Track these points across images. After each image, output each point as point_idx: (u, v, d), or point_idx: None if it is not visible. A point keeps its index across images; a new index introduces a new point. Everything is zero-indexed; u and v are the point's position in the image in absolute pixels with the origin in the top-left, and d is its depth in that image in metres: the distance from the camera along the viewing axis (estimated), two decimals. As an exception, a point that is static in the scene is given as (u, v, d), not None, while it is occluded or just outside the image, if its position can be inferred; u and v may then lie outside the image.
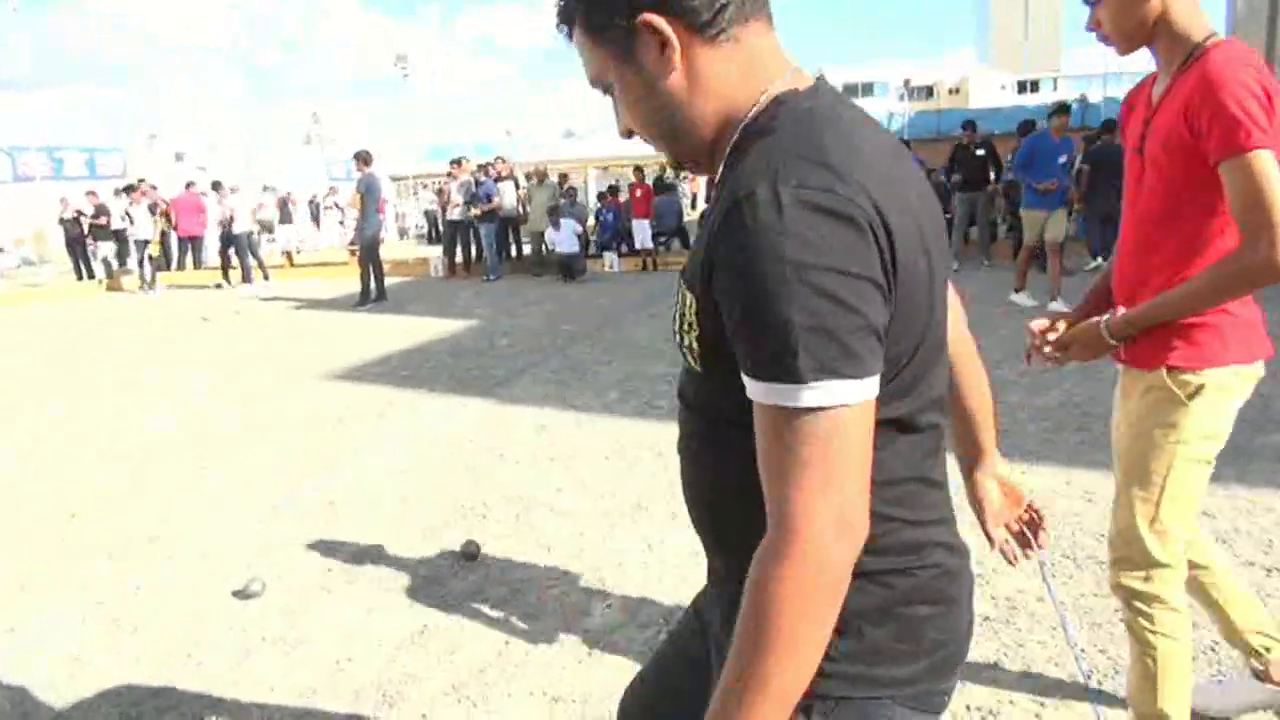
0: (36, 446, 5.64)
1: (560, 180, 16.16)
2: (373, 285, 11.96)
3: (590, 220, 16.07)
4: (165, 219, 16.16)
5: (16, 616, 3.29)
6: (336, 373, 7.43)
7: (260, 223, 16.71)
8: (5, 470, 5.18)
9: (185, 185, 16.91)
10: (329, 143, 34.13)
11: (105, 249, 15.92)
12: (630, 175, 15.36)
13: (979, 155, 11.74)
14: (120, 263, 15.81)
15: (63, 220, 16.50)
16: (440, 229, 17.03)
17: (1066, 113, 8.93)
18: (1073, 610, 2.84)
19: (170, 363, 8.40)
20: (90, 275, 16.39)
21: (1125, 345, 1.88)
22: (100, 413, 6.45)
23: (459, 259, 14.81)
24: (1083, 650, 2.60)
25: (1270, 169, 1.61)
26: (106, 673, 2.85)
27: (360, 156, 11.77)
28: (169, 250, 16.78)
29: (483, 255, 14.32)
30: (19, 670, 2.90)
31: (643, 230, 14.16)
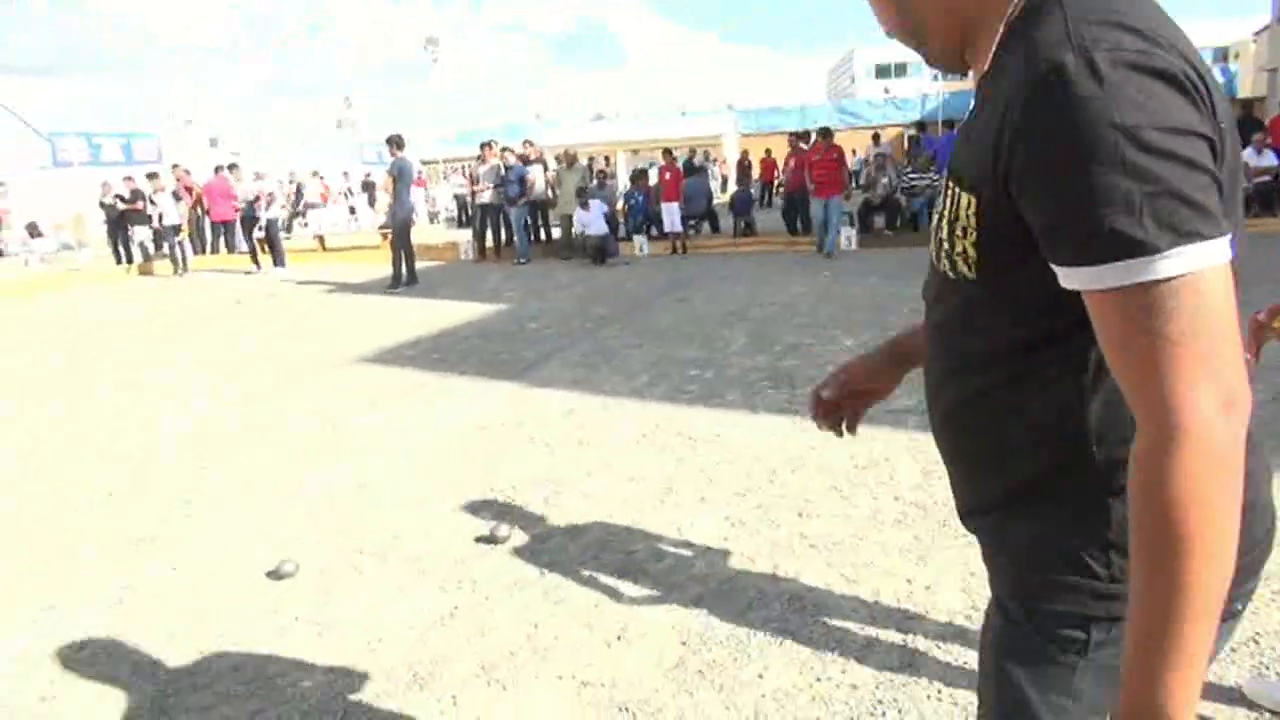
0: (75, 428, 5.74)
1: (589, 163, 16.13)
2: (404, 269, 12.02)
3: (620, 204, 16.00)
4: (198, 204, 16.36)
5: (55, 595, 3.35)
6: (368, 355, 7.48)
7: (288, 207, 16.89)
8: (44, 450, 5.28)
9: (215, 170, 17.06)
10: (361, 127, 34.33)
11: (141, 233, 16.15)
12: (660, 158, 15.28)
13: None
14: (157, 247, 16.04)
15: (103, 204, 16.75)
16: (470, 213, 17.07)
17: None
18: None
19: (204, 346, 8.51)
20: (129, 259, 16.64)
21: None
22: (135, 397, 6.56)
23: (489, 243, 14.85)
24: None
25: None
26: (143, 650, 2.89)
27: (393, 141, 11.82)
28: (203, 235, 16.99)
29: (512, 239, 14.34)
30: (56, 647, 2.95)
31: (672, 214, 14.08)
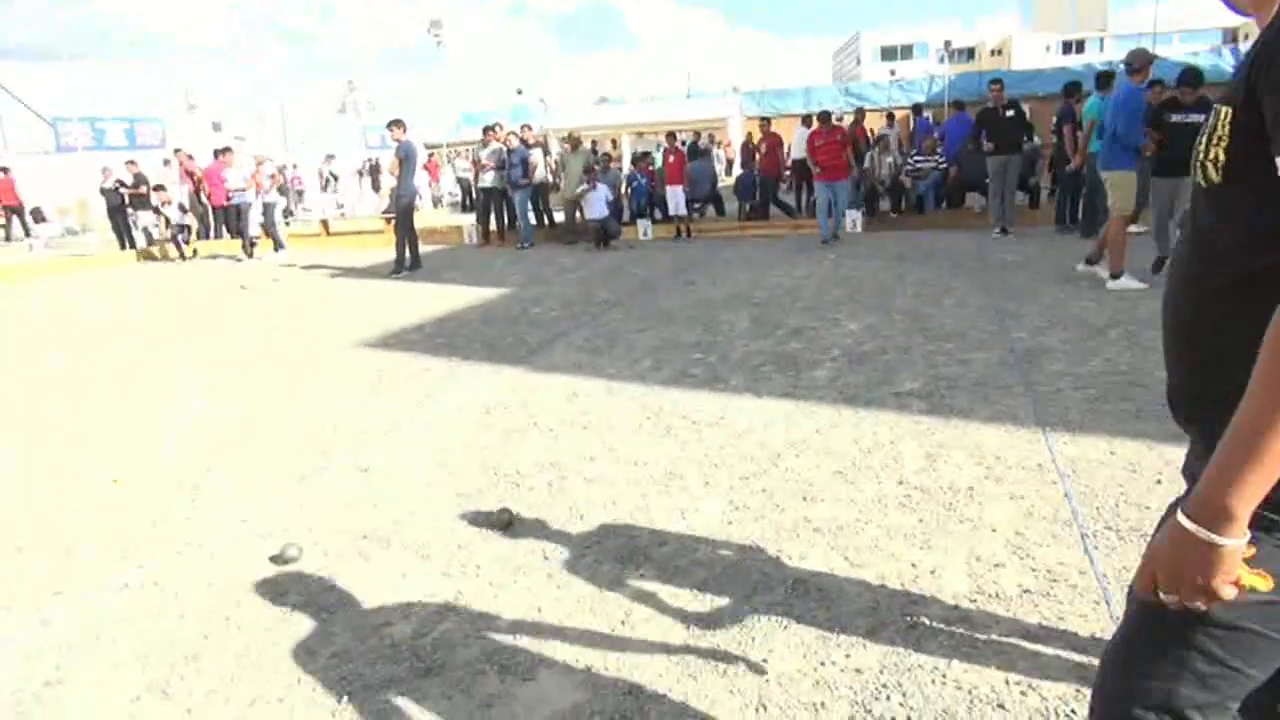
0: (78, 417, 5.75)
1: (593, 146, 16.06)
2: (407, 253, 12.00)
3: (623, 186, 15.94)
4: (199, 188, 16.34)
5: (62, 580, 3.36)
6: (371, 340, 7.48)
7: (286, 191, 16.87)
8: (48, 437, 5.29)
9: (214, 154, 16.97)
10: (365, 111, 34.19)
11: (145, 218, 16.14)
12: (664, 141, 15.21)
13: (1008, 117, 11.32)
14: (162, 231, 16.03)
15: (104, 190, 16.73)
16: (474, 197, 17.02)
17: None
18: (1115, 583, 2.77)
19: (207, 331, 8.51)
20: (132, 244, 16.63)
21: None
22: (138, 384, 6.56)
23: (492, 227, 14.81)
24: (1126, 624, 2.54)
25: None
26: (147, 635, 2.90)
27: (396, 124, 11.78)
28: (207, 220, 16.97)
29: (516, 223, 14.30)
30: (63, 632, 2.96)
31: (676, 197, 14.02)
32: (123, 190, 16.25)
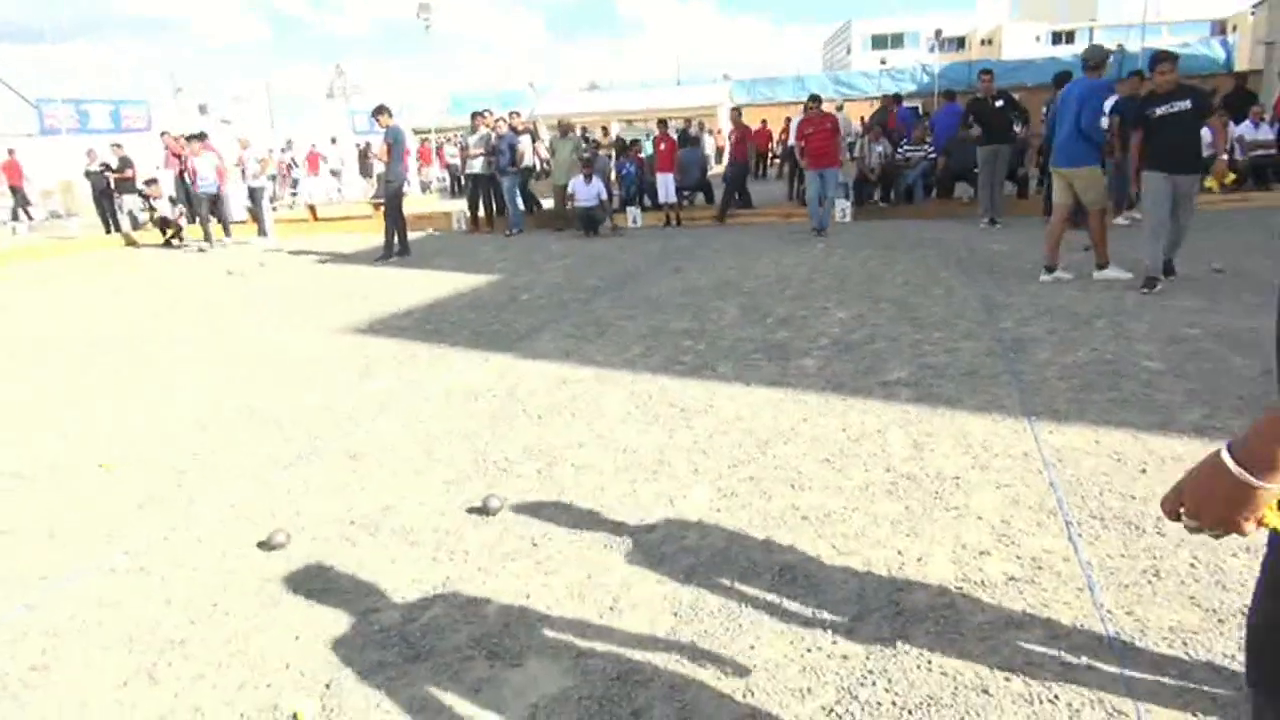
0: (66, 401, 5.71)
1: (582, 133, 16.00)
2: (396, 239, 11.94)
3: (611, 174, 15.90)
4: (183, 173, 16.18)
5: (47, 565, 3.34)
6: (360, 326, 7.45)
7: (274, 176, 16.73)
8: (35, 418, 5.25)
9: (185, 140, 16.75)
10: (353, 95, 33.97)
11: (130, 202, 15.98)
12: (655, 127, 15.16)
13: (999, 107, 11.30)
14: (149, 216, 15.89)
15: (89, 173, 16.56)
16: (462, 183, 16.94)
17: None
18: (1099, 571, 2.80)
19: (193, 317, 8.46)
20: (117, 228, 16.48)
21: None
22: (121, 368, 6.52)
23: (481, 213, 14.75)
24: (1109, 611, 2.57)
25: None
26: (134, 619, 2.89)
27: (383, 109, 11.69)
28: (196, 205, 16.82)
29: (505, 209, 14.25)
30: (49, 616, 2.95)
31: (666, 184, 13.99)
32: (108, 174, 16.08)
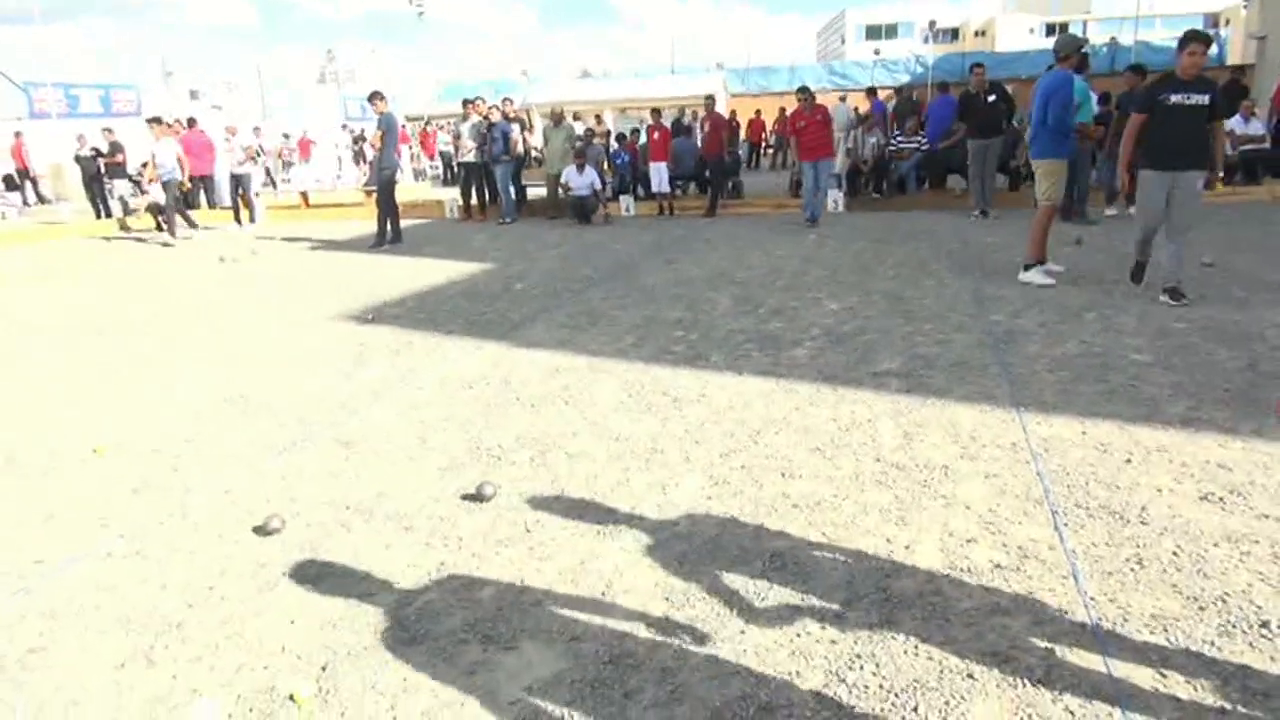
0: (60, 386, 5.71)
1: (575, 119, 15.96)
2: (388, 227, 11.92)
3: (605, 164, 15.89)
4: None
5: (44, 549, 3.36)
6: (352, 313, 7.45)
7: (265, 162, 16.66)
8: (29, 404, 5.25)
9: (189, 123, 16.68)
10: (344, 81, 33.80)
11: (121, 187, 15.90)
12: (648, 117, 15.11)
13: (990, 102, 11.29)
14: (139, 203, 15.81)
15: (79, 157, 16.46)
16: (455, 171, 16.90)
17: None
18: (1083, 559, 2.85)
19: (186, 303, 8.45)
20: (108, 213, 16.40)
21: None
22: (118, 353, 6.52)
23: (474, 201, 14.73)
24: (1093, 599, 2.61)
25: None
26: (131, 602, 2.92)
27: (376, 95, 11.65)
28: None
29: (498, 198, 14.23)
30: (46, 600, 2.97)
31: (660, 174, 13.99)
32: (99, 159, 15.99)
